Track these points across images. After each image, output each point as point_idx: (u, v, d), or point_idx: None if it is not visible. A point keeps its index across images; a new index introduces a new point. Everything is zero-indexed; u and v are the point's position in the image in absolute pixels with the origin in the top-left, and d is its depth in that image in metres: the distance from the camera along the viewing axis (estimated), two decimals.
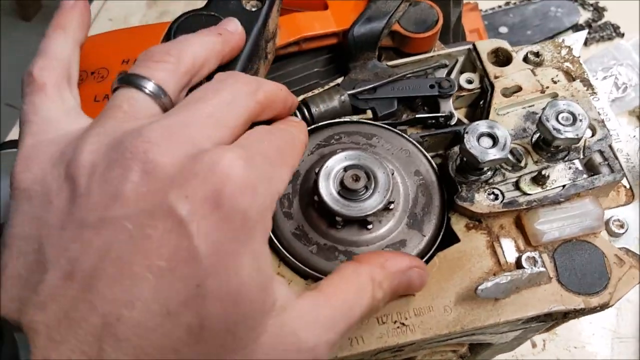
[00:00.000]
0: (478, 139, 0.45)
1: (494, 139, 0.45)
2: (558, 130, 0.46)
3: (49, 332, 0.27)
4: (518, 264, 0.46)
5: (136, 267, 0.27)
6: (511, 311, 0.45)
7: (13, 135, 1.13)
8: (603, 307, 0.45)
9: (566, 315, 0.46)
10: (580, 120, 0.46)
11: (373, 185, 0.46)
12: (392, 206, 0.47)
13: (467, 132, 0.45)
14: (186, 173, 0.30)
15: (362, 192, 0.46)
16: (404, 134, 0.52)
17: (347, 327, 0.36)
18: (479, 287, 0.43)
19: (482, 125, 0.45)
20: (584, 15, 1.26)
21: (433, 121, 0.55)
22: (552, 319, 0.50)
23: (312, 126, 0.52)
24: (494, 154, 0.44)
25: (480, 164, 0.45)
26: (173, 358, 0.28)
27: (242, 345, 0.31)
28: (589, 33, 1.23)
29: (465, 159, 0.47)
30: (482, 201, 0.48)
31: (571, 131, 0.45)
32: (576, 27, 1.23)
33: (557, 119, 0.46)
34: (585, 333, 1.04)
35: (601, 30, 1.24)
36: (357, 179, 0.46)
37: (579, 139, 0.46)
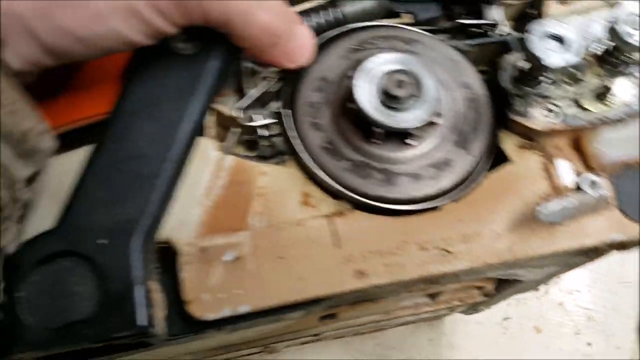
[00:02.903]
0: (543, 40, 0.39)
1: (561, 41, 0.39)
2: (630, 35, 0.40)
3: None
4: (577, 188, 0.41)
5: None
6: (567, 239, 0.40)
7: None
8: None
9: (624, 246, 0.42)
10: None
11: (420, 93, 0.40)
12: (438, 120, 0.41)
13: (529, 32, 0.39)
14: None
15: (407, 101, 0.40)
16: (448, 42, 0.45)
17: None
18: (541, 209, 0.38)
19: (547, 24, 0.39)
20: None
21: (478, 29, 0.48)
22: (602, 253, 0.45)
23: (344, 28, 0.45)
24: (565, 57, 0.38)
25: (547, 69, 0.39)
26: None
27: None
28: None
29: (523, 68, 0.41)
30: (538, 117, 0.42)
31: None
32: None
33: (628, 24, 0.40)
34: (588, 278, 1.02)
35: None
36: (401, 85, 0.40)
37: None
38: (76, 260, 0.34)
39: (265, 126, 0.42)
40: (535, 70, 0.40)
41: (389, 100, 0.39)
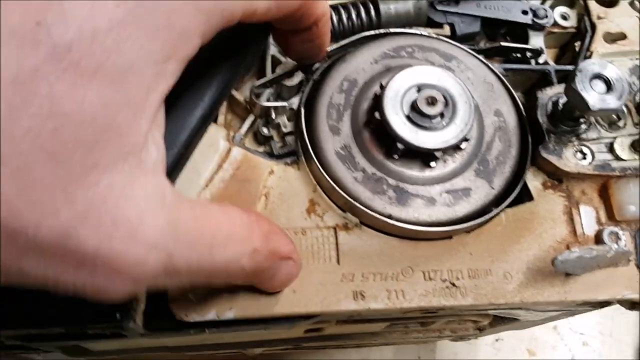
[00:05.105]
0: (590, 82, 0.36)
1: (607, 83, 0.37)
2: None
3: None
4: (598, 239, 0.39)
5: None
6: (580, 291, 0.38)
7: None
8: None
9: (635, 306, 0.40)
10: None
11: (451, 114, 0.37)
12: (464, 145, 0.39)
13: (579, 71, 0.36)
14: None
15: (437, 120, 0.37)
16: (488, 64, 0.43)
17: (189, 261, 0.27)
18: (559, 258, 0.35)
19: (595, 65, 0.37)
20: None
21: (519, 54, 0.45)
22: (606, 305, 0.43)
23: (380, 30, 0.43)
24: (609, 101, 0.36)
25: (590, 111, 0.36)
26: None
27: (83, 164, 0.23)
28: None
29: (564, 105, 0.39)
30: (569, 158, 0.40)
31: None
32: None
33: None
34: None
35: None
36: (433, 102, 0.37)
37: None
38: None
39: (277, 111, 0.39)
40: (575, 110, 0.38)
41: (418, 116, 0.37)
